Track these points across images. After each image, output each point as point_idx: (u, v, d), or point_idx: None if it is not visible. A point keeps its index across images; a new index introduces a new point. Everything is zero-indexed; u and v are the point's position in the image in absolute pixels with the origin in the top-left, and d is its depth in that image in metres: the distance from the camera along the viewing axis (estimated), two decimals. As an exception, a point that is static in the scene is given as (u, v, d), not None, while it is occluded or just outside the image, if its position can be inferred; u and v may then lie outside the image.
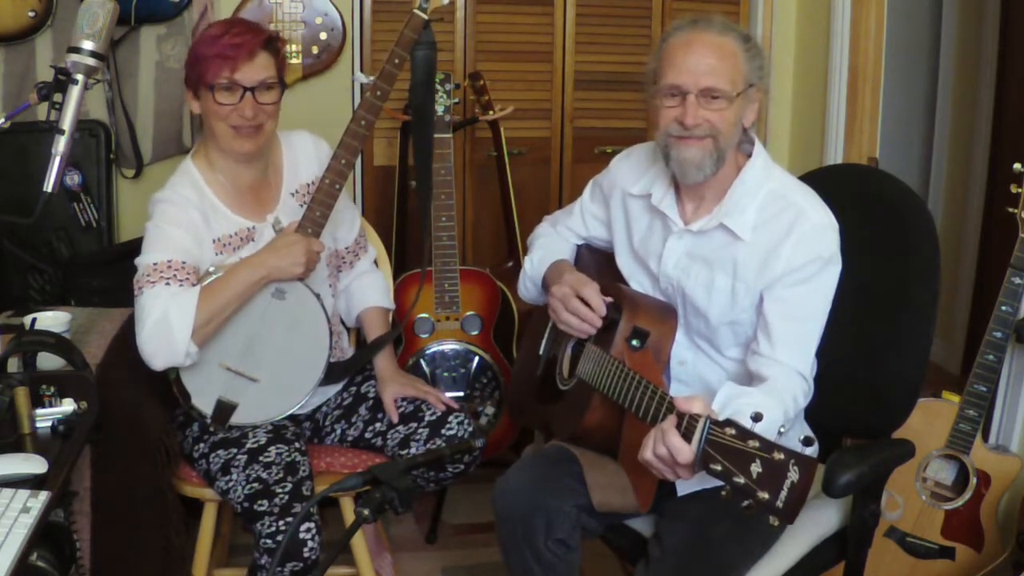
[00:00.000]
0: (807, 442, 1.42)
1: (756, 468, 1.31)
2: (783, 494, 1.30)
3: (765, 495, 1.30)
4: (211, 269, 1.98)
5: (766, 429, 1.36)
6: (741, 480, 1.32)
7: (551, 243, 2.09)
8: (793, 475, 1.29)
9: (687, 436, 1.41)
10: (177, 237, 1.95)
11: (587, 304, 1.83)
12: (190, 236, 1.96)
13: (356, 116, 2.04)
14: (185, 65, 2.02)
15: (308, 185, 2.14)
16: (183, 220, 1.97)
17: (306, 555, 1.87)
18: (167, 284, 1.90)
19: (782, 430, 1.41)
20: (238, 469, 1.96)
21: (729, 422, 1.37)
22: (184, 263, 1.93)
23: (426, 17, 2.06)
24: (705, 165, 1.71)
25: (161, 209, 1.98)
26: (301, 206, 2.10)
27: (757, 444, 1.33)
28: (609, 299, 1.84)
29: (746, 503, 1.33)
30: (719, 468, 1.35)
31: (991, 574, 2.15)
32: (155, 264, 1.92)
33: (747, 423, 1.36)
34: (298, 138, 2.17)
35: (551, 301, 1.90)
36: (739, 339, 1.81)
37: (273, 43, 2.01)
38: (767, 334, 1.72)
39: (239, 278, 1.94)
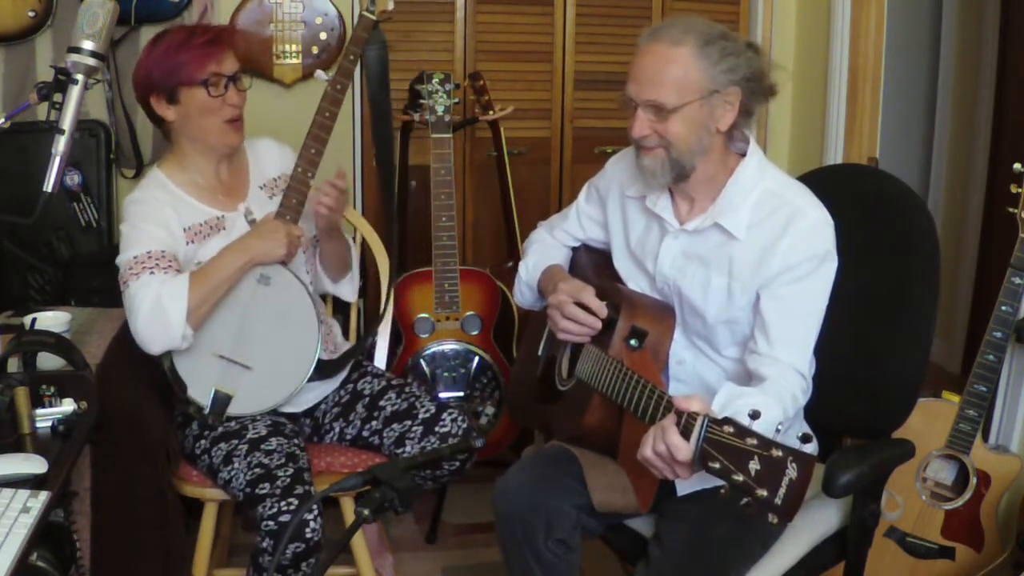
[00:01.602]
0: (805, 439, 1.42)
1: (754, 465, 1.31)
2: (781, 491, 1.30)
3: (763, 492, 1.30)
4: (196, 264, 2.04)
5: (764, 427, 1.36)
6: (740, 478, 1.32)
7: (545, 248, 2.09)
8: (791, 472, 1.29)
9: (685, 434, 1.42)
10: (152, 231, 2.01)
11: (587, 308, 1.83)
12: (164, 230, 2.03)
13: (320, 108, 2.16)
14: (147, 78, 2.03)
15: (275, 180, 2.23)
16: (155, 216, 2.03)
17: (308, 536, 1.89)
18: (152, 273, 1.95)
19: (780, 428, 1.41)
20: (240, 458, 1.98)
21: (727, 420, 1.37)
22: (163, 252, 1.99)
23: (374, 18, 2.22)
24: (659, 174, 1.73)
25: (133, 210, 2.05)
26: (270, 198, 2.19)
27: (755, 442, 1.33)
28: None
29: (745, 501, 1.33)
30: (717, 466, 1.35)
31: (991, 574, 2.15)
32: (135, 257, 1.97)
33: (745, 421, 1.36)
34: (261, 141, 2.27)
35: (549, 310, 1.91)
36: (736, 338, 1.81)
37: (232, 37, 2.11)
38: (764, 332, 1.72)
39: (225, 262, 2.01)
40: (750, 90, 1.71)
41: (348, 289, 2.34)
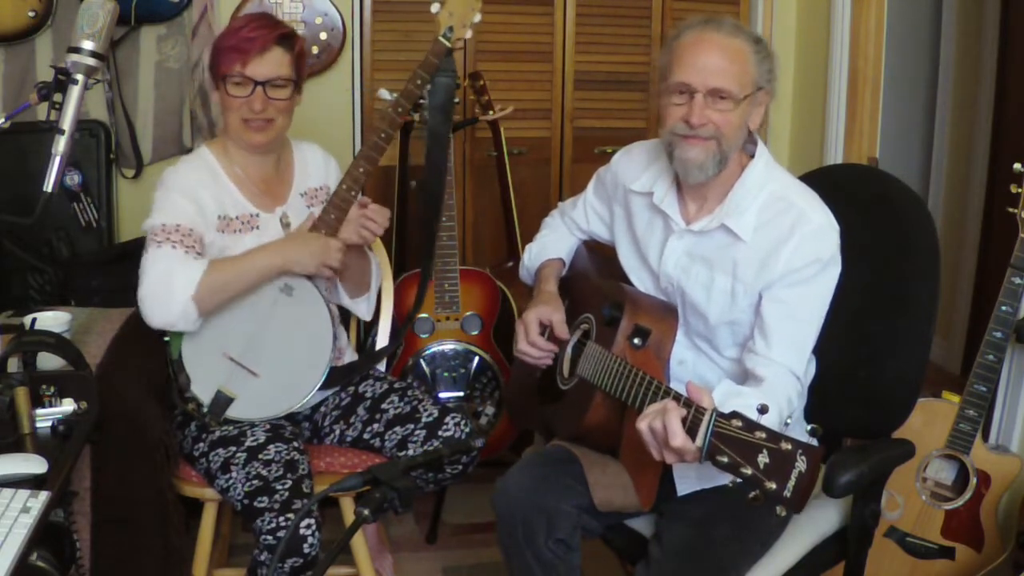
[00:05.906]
0: (812, 433, 1.42)
1: (763, 459, 1.32)
2: (791, 484, 1.30)
3: (772, 485, 1.31)
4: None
5: (772, 422, 1.37)
6: (748, 471, 1.32)
7: (552, 237, 2.12)
8: (801, 465, 1.29)
9: (693, 428, 1.42)
10: (181, 204, 2.00)
11: (553, 330, 1.89)
12: (193, 206, 2.01)
13: (376, 128, 2.11)
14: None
15: (316, 190, 2.21)
16: (188, 189, 2.03)
17: (306, 551, 1.87)
18: (173, 247, 1.94)
19: (788, 422, 1.41)
20: (238, 467, 1.97)
21: (735, 414, 1.37)
22: (191, 230, 1.98)
23: (449, 46, 2.15)
24: (707, 166, 1.71)
25: (172, 179, 2.05)
26: (308, 207, 2.17)
27: (764, 435, 1.33)
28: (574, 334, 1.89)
29: (753, 494, 1.33)
30: (726, 460, 1.35)
31: (991, 574, 2.15)
32: (163, 225, 1.97)
33: (754, 415, 1.37)
34: (308, 146, 2.25)
35: (517, 326, 1.95)
36: (737, 339, 1.81)
37: (288, 40, 2.05)
38: (764, 333, 1.72)
39: (254, 258, 2.00)
40: (773, 93, 1.75)
41: (364, 308, 2.28)
